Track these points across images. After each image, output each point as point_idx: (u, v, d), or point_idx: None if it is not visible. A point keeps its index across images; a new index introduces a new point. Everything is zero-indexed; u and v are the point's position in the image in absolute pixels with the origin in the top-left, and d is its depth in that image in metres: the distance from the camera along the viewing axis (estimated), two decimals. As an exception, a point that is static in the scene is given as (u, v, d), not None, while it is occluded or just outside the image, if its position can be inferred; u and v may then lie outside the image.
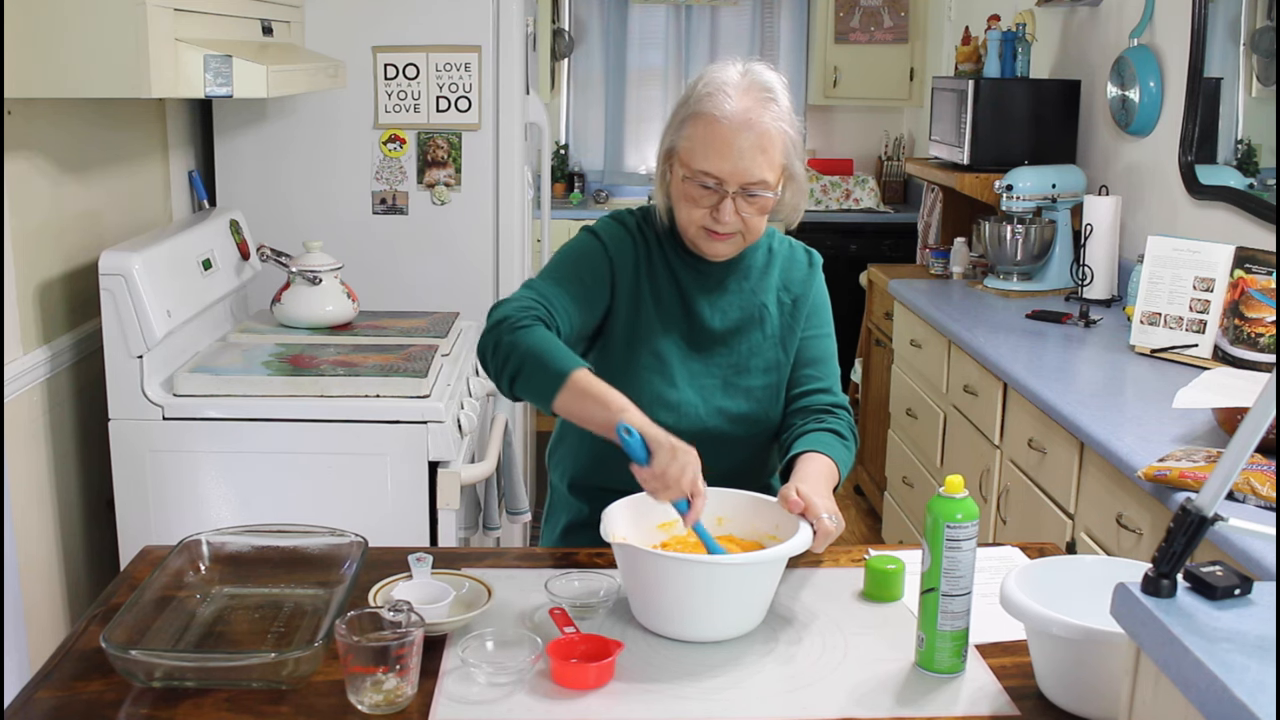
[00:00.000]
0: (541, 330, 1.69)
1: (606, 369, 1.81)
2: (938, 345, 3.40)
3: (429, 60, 3.31)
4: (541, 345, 1.66)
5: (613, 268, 1.84)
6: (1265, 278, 2.66)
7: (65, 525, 2.55)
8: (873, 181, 5.74)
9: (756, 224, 1.79)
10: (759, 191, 1.74)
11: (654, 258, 1.86)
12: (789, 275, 1.92)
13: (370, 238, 3.38)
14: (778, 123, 1.74)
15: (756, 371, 1.87)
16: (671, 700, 1.38)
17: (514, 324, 1.69)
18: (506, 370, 1.68)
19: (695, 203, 1.76)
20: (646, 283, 1.85)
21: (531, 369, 1.65)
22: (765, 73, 1.77)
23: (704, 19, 6.00)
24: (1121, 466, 2.17)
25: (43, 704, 1.37)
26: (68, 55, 2.19)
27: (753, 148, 1.72)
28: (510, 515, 2.85)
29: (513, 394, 1.71)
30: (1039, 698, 1.39)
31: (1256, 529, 1.17)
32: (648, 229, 1.88)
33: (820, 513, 1.60)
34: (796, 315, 1.91)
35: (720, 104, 1.72)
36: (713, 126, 1.72)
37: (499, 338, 1.69)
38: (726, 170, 1.72)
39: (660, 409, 1.80)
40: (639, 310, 1.84)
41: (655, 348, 1.83)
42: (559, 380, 1.62)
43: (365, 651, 1.33)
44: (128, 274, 2.39)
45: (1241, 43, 3.06)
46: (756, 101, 1.73)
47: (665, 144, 1.81)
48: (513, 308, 1.73)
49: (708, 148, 1.73)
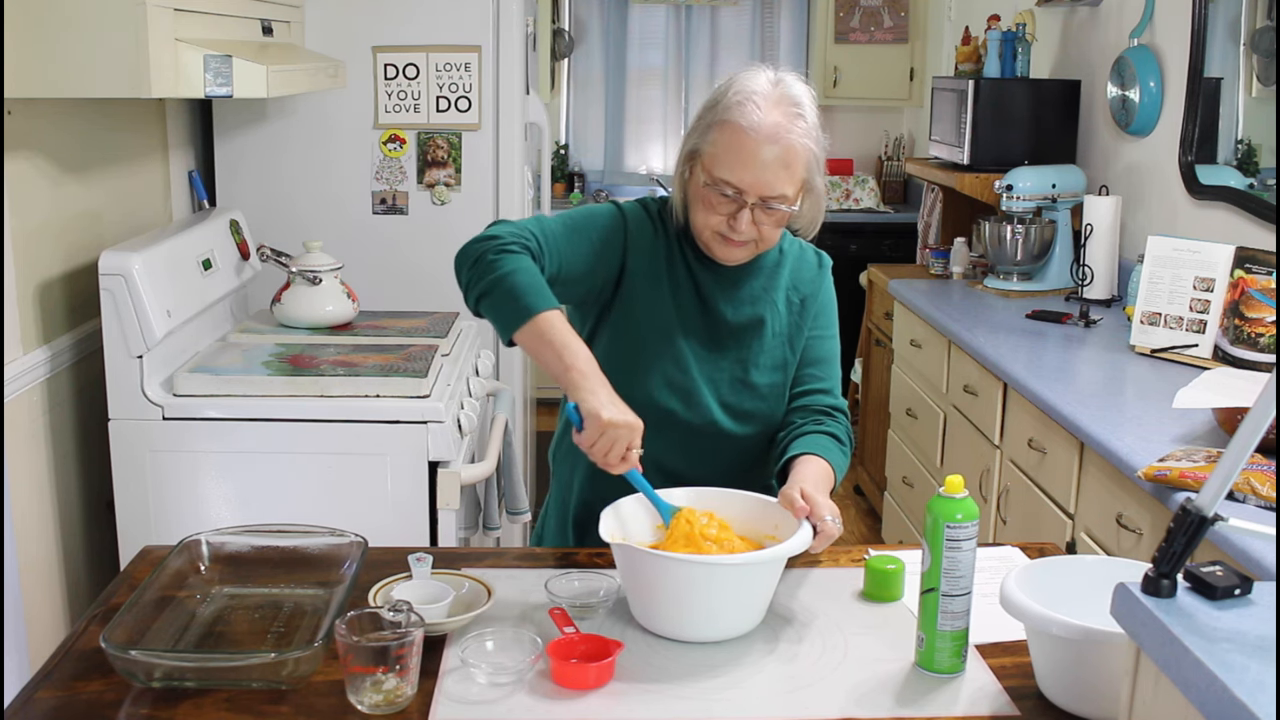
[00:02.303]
0: (528, 260, 1.69)
1: (619, 353, 1.81)
2: (938, 345, 3.40)
3: (429, 60, 3.31)
4: (521, 276, 1.66)
5: (627, 241, 1.84)
6: (1265, 278, 2.66)
7: (65, 525, 2.55)
8: (873, 181, 5.75)
9: (771, 235, 1.79)
10: (777, 205, 1.74)
11: (673, 251, 1.86)
12: (798, 275, 1.92)
13: (370, 238, 3.38)
14: (804, 139, 1.73)
15: (765, 369, 1.87)
16: (671, 700, 1.38)
17: (502, 245, 1.70)
18: (478, 286, 1.68)
19: (713, 209, 1.76)
20: (666, 274, 1.84)
21: (502, 295, 1.66)
22: (796, 85, 1.76)
23: (704, 19, 6.00)
24: (1121, 466, 2.17)
25: (43, 704, 1.37)
26: (68, 55, 2.19)
27: (776, 162, 1.71)
28: (510, 515, 2.85)
29: (476, 310, 1.71)
30: (1039, 698, 1.39)
31: (1256, 529, 1.17)
32: (667, 219, 1.88)
33: (824, 514, 1.60)
34: (804, 315, 1.91)
35: (749, 114, 1.71)
36: (739, 136, 1.71)
37: (483, 252, 1.70)
38: (748, 182, 1.72)
39: (669, 394, 1.81)
40: (657, 300, 1.84)
41: (671, 339, 1.83)
42: (525, 315, 1.63)
43: (365, 651, 1.33)
44: (128, 274, 2.39)
45: (1241, 43, 3.06)
46: (785, 115, 1.72)
47: (689, 145, 1.80)
48: (507, 230, 1.73)
49: (732, 157, 1.72)
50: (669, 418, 1.81)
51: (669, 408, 1.81)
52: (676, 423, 1.82)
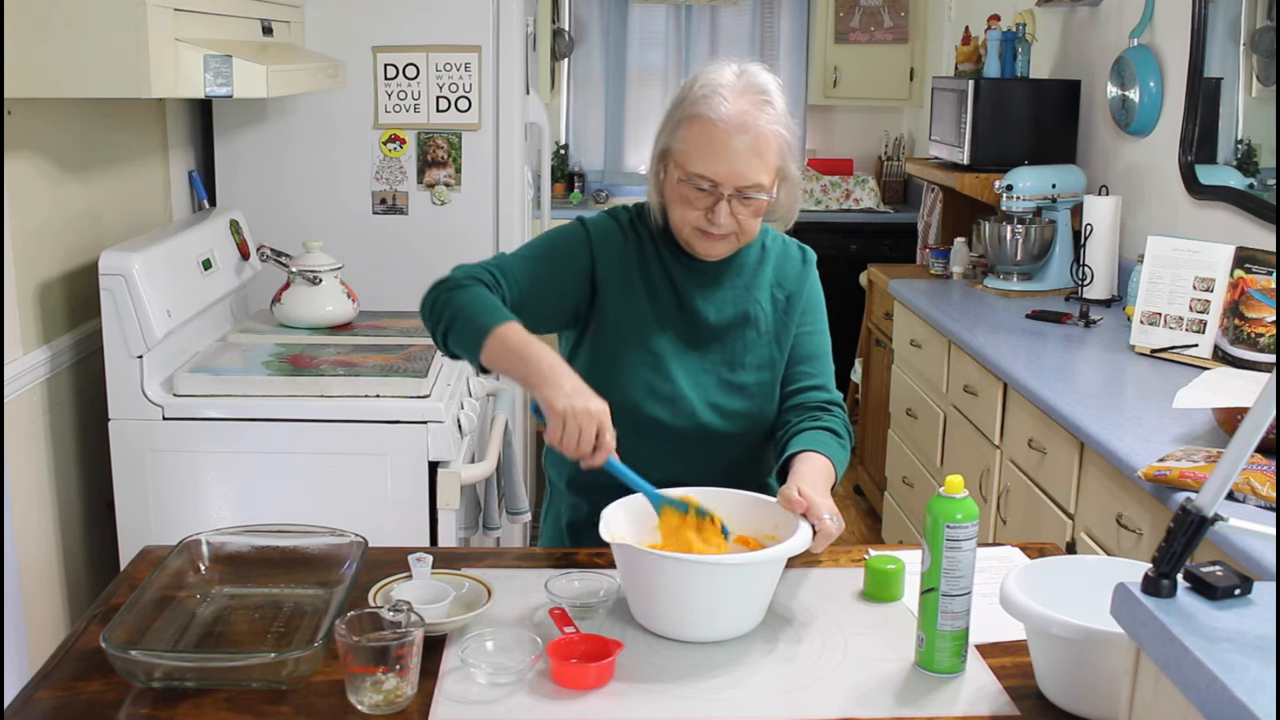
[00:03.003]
0: (479, 289, 1.73)
1: (599, 364, 1.82)
2: (938, 345, 3.40)
3: (429, 60, 3.31)
4: (474, 302, 1.71)
5: (593, 253, 1.85)
6: (1265, 278, 2.66)
7: (65, 525, 2.55)
8: (873, 181, 5.74)
9: (751, 225, 1.79)
10: (754, 194, 1.74)
11: (647, 254, 1.86)
12: (783, 272, 1.92)
13: (370, 238, 3.38)
14: (773, 125, 1.73)
15: (751, 368, 1.87)
16: (671, 700, 1.38)
17: (455, 283, 1.75)
18: (440, 325, 1.73)
19: (690, 204, 1.77)
20: (639, 279, 1.85)
21: (461, 324, 1.70)
22: (760, 74, 1.77)
23: (704, 19, 6.00)
24: (1121, 466, 2.17)
25: (43, 704, 1.37)
26: (68, 55, 2.19)
27: (748, 151, 1.72)
28: (510, 515, 2.85)
29: (448, 350, 1.76)
30: (1039, 698, 1.39)
31: (1256, 529, 1.17)
32: (641, 226, 1.88)
33: (822, 513, 1.60)
34: (790, 312, 1.91)
35: (716, 107, 1.72)
36: (708, 130, 1.72)
37: (438, 295, 1.75)
38: (722, 173, 1.73)
39: (654, 402, 1.81)
40: (631, 305, 1.84)
41: (649, 343, 1.83)
42: (483, 334, 1.67)
43: (365, 651, 1.34)
44: (128, 274, 2.39)
45: (1241, 43, 3.06)
46: (752, 104, 1.72)
47: (660, 145, 1.82)
48: (462, 270, 1.78)
49: (703, 151, 1.73)
50: (655, 424, 1.81)
51: (654, 415, 1.81)
52: (664, 428, 1.82)
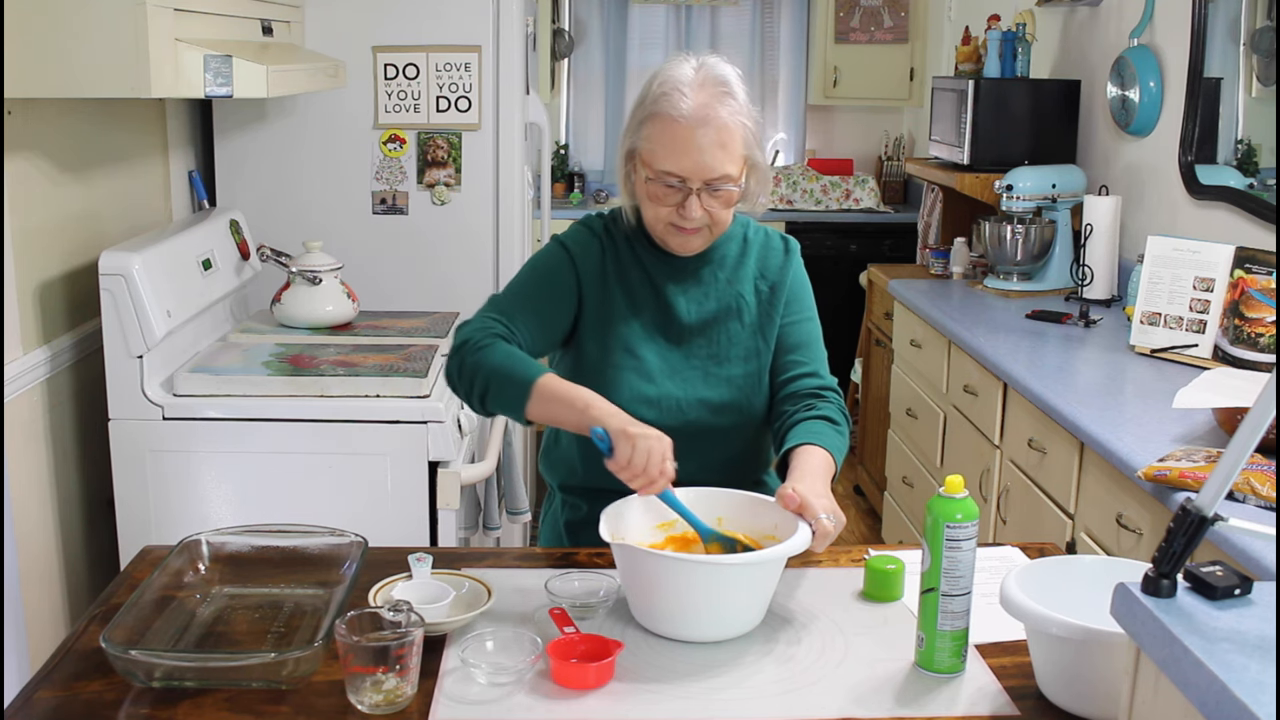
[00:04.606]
0: (502, 346, 1.74)
1: (582, 370, 1.83)
2: (938, 345, 3.40)
3: (429, 60, 3.31)
4: (503, 360, 1.72)
5: (578, 276, 1.86)
6: (1265, 278, 2.66)
7: (65, 525, 2.55)
8: (873, 181, 5.74)
9: (723, 217, 1.80)
10: (723, 185, 1.75)
11: (624, 257, 1.87)
12: (765, 263, 1.93)
13: (370, 238, 3.38)
14: (736, 116, 1.74)
15: (736, 360, 1.88)
16: (672, 700, 1.38)
17: (475, 345, 1.75)
18: (475, 390, 1.74)
19: (660, 201, 1.78)
20: (617, 283, 1.86)
21: (498, 385, 1.71)
22: (719, 66, 1.78)
23: (704, 19, 6.00)
24: (1121, 466, 2.17)
25: (43, 704, 1.37)
26: (68, 55, 2.19)
27: (713, 144, 1.73)
28: (510, 515, 2.85)
29: (486, 411, 1.77)
30: (1039, 698, 1.39)
31: (1256, 529, 1.17)
32: (616, 230, 1.90)
33: (818, 513, 1.59)
34: (775, 302, 1.91)
35: (677, 103, 1.73)
36: (671, 126, 1.73)
37: (462, 360, 1.75)
38: (689, 168, 1.73)
39: (640, 405, 1.81)
40: (610, 311, 1.85)
41: (630, 346, 1.84)
42: (525, 390, 1.68)
43: (365, 651, 1.34)
44: (128, 274, 2.39)
45: (1241, 43, 3.06)
46: (713, 97, 1.73)
47: (625, 145, 1.82)
48: (472, 329, 1.78)
49: (668, 148, 1.74)
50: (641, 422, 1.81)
51: (643, 417, 1.81)
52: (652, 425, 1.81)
